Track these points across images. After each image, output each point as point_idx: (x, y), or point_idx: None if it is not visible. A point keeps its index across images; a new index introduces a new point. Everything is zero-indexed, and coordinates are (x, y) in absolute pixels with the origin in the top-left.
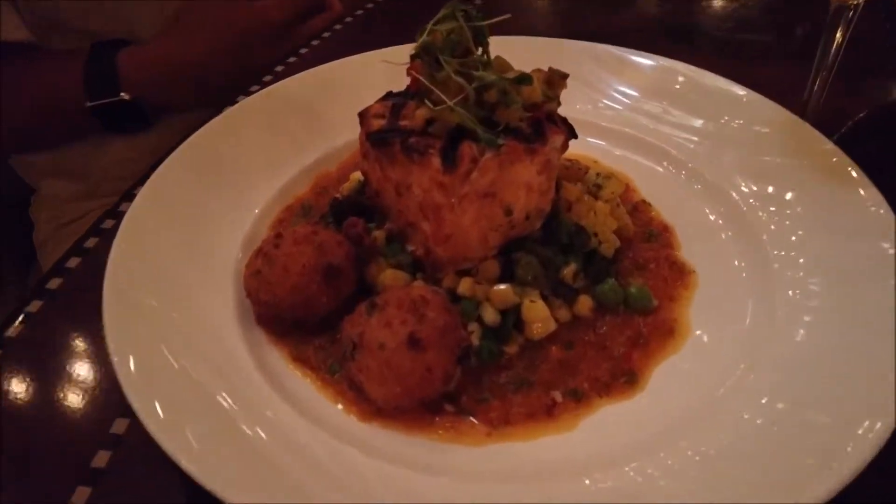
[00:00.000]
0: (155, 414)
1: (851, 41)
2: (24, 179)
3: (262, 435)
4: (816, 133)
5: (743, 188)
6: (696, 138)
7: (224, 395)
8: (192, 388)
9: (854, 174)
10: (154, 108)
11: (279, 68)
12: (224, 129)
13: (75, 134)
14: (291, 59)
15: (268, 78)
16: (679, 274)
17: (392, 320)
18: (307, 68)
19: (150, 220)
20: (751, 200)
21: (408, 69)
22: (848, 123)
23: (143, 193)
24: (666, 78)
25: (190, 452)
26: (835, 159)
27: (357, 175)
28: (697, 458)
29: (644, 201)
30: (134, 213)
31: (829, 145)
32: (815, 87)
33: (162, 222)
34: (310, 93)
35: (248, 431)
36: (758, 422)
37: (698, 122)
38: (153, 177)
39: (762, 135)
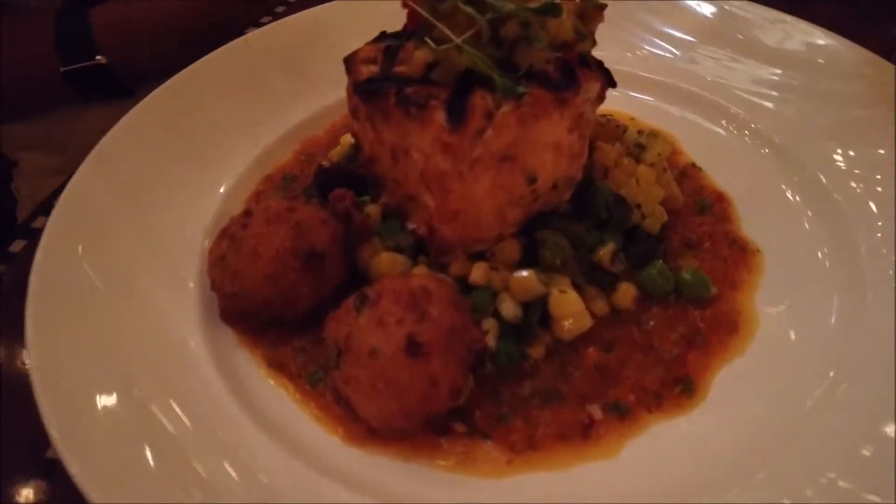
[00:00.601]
0: (80, 442)
1: None
2: (4, 154)
3: (224, 469)
4: None
5: (824, 152)
6: (767, 91)
7: (173, 414)
8: (131, 409)
9: None
10: (134, 74)
11: (266, 19)
12: (191, 84)
13: (51, 102)
14: (280, 9)
15: (249, 30)
16: (741, 254)
17: (386, 319)
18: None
19: (94, 194)
20: (833, 166)
21: (403, 0)
22: None
23: (86, 164)
24: (727, 20)
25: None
26: None
27: (348, 138)
28: (786, 500)
29: (693, 165)
30: (74, 186)
31: None
32: None
33: (109, 196)
34: (294, 41)
35: (202, 469)
36: (863, 451)
37: (768, 73)
38: (100, 144)
39: (847, 87)
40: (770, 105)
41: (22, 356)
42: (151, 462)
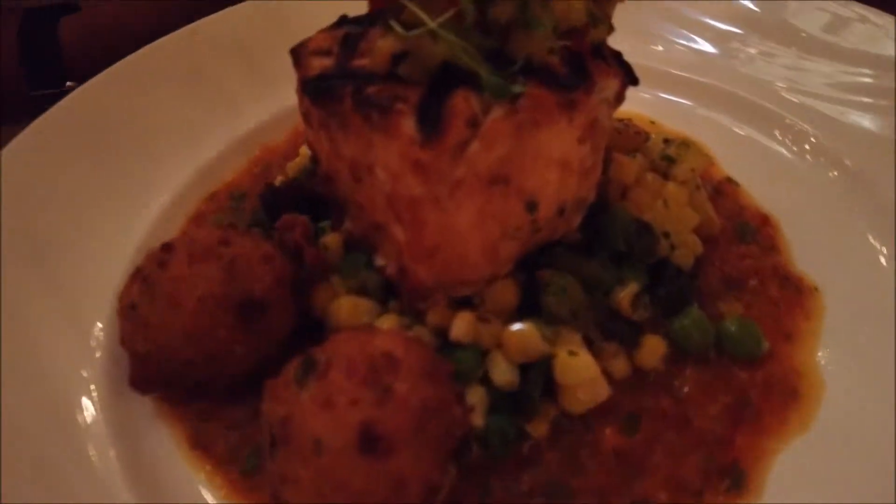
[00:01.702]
0: None
1: None
2: None
3: None
4: None
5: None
6: (839, 95)
7: None
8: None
9: None
10: None
11: None
12: (122, 81)
13: (13, 116)
14: None
15: None
16: (795, 295)
17: (336, 399)
18: None
19: None
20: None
21: None
22: None
23: None
24: (780, 8)
25: None
26: None
27: (307, 149)
28: None
29: (729, 180)
30: None
31: None
32: None
33: (7, 220)
34: (250, 31)
35: None
36: None
37: (841, 74)
38: (7, 148)
39: None
40: (841, 114)
41: None
42: None
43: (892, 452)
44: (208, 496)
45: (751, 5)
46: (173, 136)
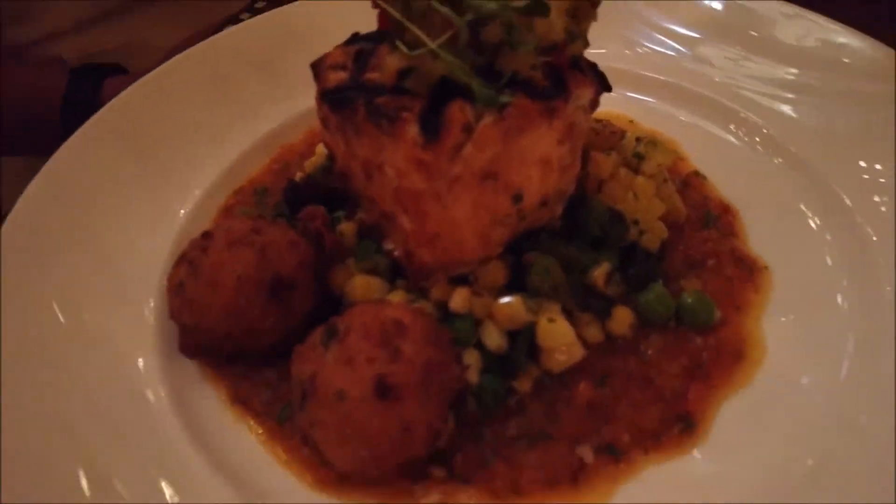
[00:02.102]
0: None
1: None
2: None
3: None
4: None
5: (843, 163)
6: (782, 93)
7: (123, 456)
8: (74, 449)
9: None
10: None
11: (245, 16)
12: (155, 91)
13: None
14: (260, 4)
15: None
16: (748, 273)
17: (355, 357)
18: None
19: (45, 214)
20: (853, 180)
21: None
22: None
23: (38, 179)
24: (737, 14)
25: None
26: None
27: (323, 147)
28: None
29: (696, 173)
30: (24, 205)
31: None
32: None
33: (62, 215)
34: (266, 42)
35: None
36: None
37: (784, 73)
38: (54, 157)
39: (872, 91)
40: (786, 109)
41: None
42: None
43: (820, 404)
44: (251, 439)
45: (713, 12)
46: (203, 138)
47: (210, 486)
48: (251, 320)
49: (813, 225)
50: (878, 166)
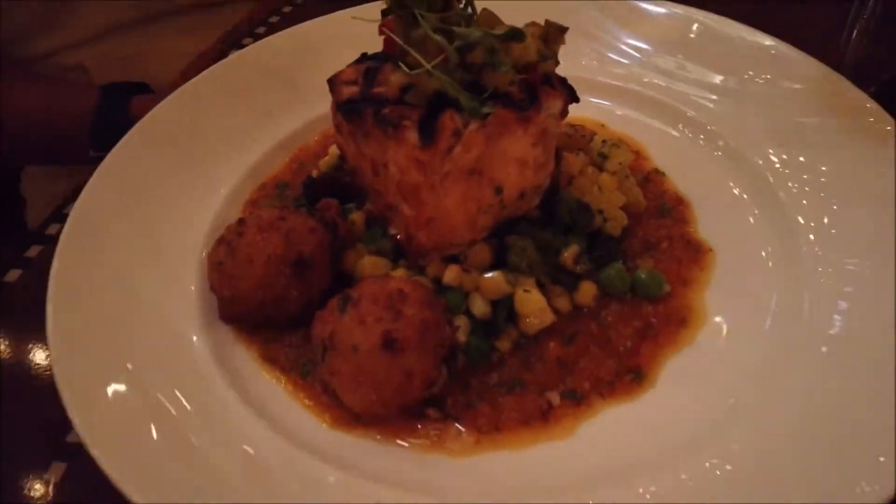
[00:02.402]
0: (97, 426)
1: None
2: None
3: (216, 447)
4: (854, 89)
5: (770, 155)
6: (715, 97)
7: (176, 401)
8: (142, 396)
9: None
10: None
11: (260, 30)
12: (189, 100)
13: (73, 162)
14: (274, 19)
15: (246, 40)
16: (694, 254)
17: (366, 318)
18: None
19: (103, 206)
20: (778, 168)
21: (380, 27)
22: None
23: (95, 177)
24: (681, 27)
25: (132, 471)
26: (873, 119)
27: (335, 149)
28: (718, 472)
29: (657, 170)
30: (85, 199)
31: (870, 103)
32: (854, 35)
33: (117, 207)
34: (284, 57)
35: (205, 446)
36: (788, 430)
37: (718, 79)
38: (108, 157)
39: (792, 92)
40: (716, 108)
41: (27, 355)
42: (156, 439)
43: (744, 359)
44: (279, 389)
45: (659, 26)
46: (231, 140)
47: (248, 423)
48: (278, 292)
49: (749, 214)
50: (801, 158)
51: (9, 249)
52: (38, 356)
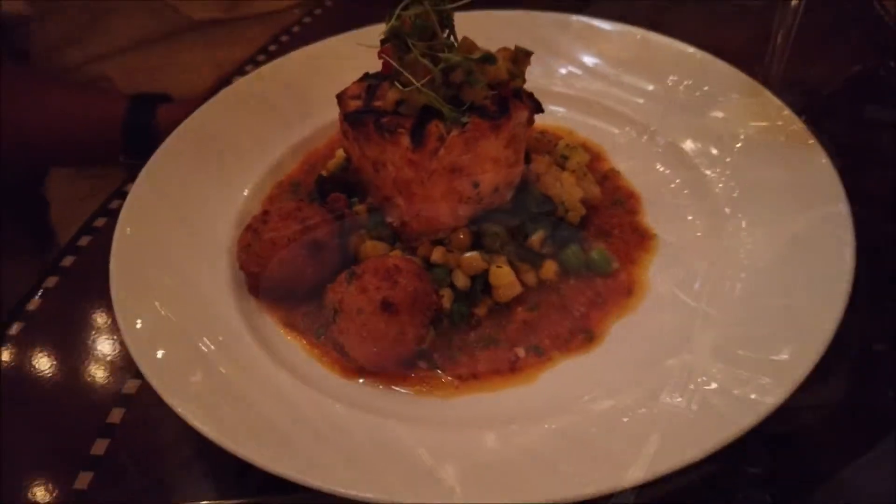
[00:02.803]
0: (157, 368)
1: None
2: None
3: (255, 391)
4: (772, 98)
5: (697, 151)
6: (648, 102)
7: (220, 356)
8: (189, 348)
9: (809, 140)
10: None
11: (272, 47)
12: (218, 110)
13: (100, 163)
14: (284, 38)
15: (261, 57)
16: (641, 238)
17: (368, 287)
18: (297, 47)
19: (150, 201)
20: (706, 163)
21: (378, 52)
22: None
23: (142, 175)
24: (622, 42)
25: (187, 402)
26: (782, 122)
27: (342, 152)
28: (644, 410)
29: (613, 170)
30: (135, 194)
31: (786, 110)
32: (775, 50)
33: (161, 202)
34: (297, 73)
35: (241, 387)
36: (702, 373)
37: (651, 86)
38: (152, 159)
39: (710, 96)
40: (657, 112)
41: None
42: (202, 381)
43: (677, 321)
44: (298, 347)
45: (608, 43)
46: (252, 145)
47: (272, 372)
48: (296, 269)
49: (681, 199)
50: (727, 160)
51: (39, 262)
52: (82, 346)
